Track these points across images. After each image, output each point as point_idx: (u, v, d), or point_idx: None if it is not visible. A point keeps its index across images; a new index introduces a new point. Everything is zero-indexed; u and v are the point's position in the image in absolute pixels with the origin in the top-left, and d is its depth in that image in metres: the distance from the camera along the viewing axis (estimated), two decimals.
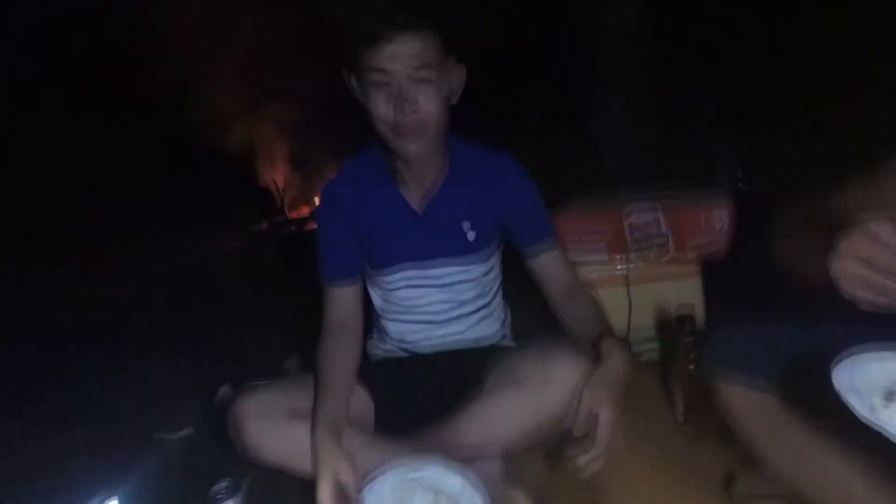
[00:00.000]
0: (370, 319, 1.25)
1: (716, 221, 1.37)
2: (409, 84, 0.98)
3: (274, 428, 1.01)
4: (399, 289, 1.16)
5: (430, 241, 1.12)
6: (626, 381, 0.93)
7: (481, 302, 1.19)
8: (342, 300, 1.14)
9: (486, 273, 1.18)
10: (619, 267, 1.49)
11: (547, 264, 1.13)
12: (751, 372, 0.82)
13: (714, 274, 1.46)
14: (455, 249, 1.13)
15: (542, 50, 3.30)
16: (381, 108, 1.00)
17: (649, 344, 1.51)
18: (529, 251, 1.13)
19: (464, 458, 0.98)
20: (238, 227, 3.89)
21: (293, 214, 3.89)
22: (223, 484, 1.09)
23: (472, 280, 1.16)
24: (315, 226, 1.26)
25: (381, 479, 0.95)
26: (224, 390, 1.57)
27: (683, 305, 1.24)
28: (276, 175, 4.25)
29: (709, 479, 1.05)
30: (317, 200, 4.00)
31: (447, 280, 1.15)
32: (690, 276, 1.46)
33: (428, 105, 0.99)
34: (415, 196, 1.12)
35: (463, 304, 1.17)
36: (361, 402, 1.12)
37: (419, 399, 1.14)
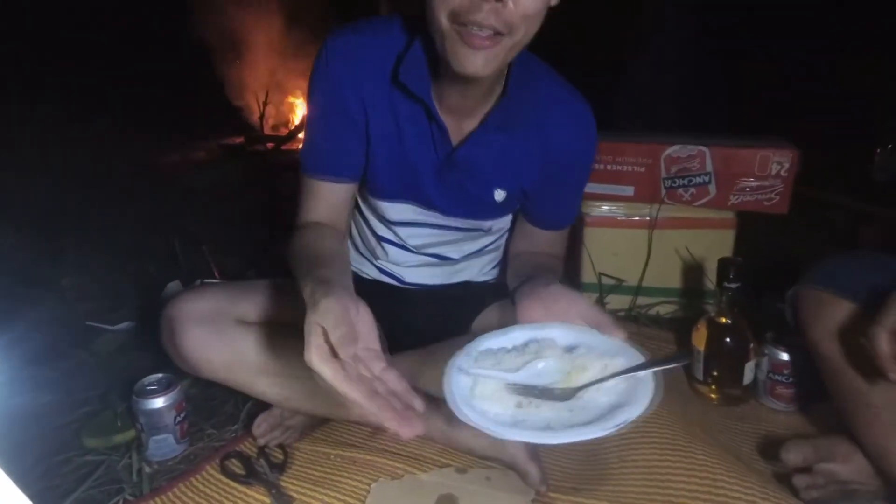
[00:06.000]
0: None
1: (773, 165, 1.19)
2: None
3: (218, 336, 0.82)
4: (399, 224, 0.94)
5: (451, 193, 0.88)
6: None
7: (492, 243, 1.01)
8: (332, 197, 0.87)
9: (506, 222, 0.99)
10: (645, 207, 1.31)
11: (543, 237, 0.96)
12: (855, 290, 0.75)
13: (756, 228, 1.29)
14: (479, 209, 0.91)
15: None
16: None
17: (660, 296, 1.35)
18: (536, 224, 0.95)
19: None
20: (212, 139, 3.63)
21: (270, 132, 3.71)
22: (156, 377, 0.89)
23: (487, 231, 0.97)
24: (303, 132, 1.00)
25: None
26: (173, 286, 1.35)
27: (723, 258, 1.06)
28: (260, 91, 3.98)
29: (742, 447, 0.90)
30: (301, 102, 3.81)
31: (459, 225, 0.94)
32: (726, 227, 1.30)
33: (527, 2, 0.66)
34: (452, 123, 0.83)
35: (475, 251, 0.99)
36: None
37: (408, 335, 0.94)
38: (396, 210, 0.91)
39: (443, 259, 0.98)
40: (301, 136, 3.19)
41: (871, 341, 0.65)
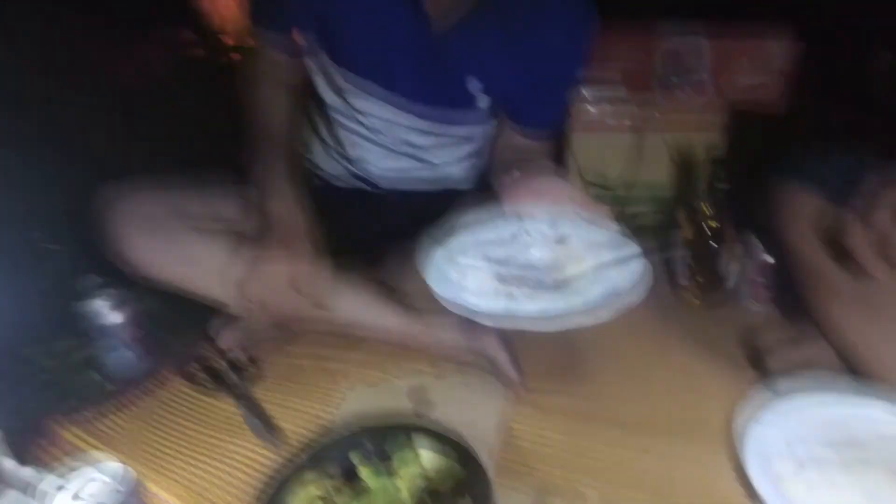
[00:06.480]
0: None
1: (773, 57, 1.09)
2: None
3: (167, 239, 0.76)
4: (363, 113, 0.86)
5: (428, 90, 0.81)
6: None
7: (471, 145, 0.93)
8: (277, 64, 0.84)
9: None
10: (634, 108, 1.22)
11: (526, 145, 0.87)
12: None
13: (749, 126, 1.22)
14: (456, 110, 0.84)
15: None
16: None
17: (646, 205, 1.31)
18: (522, 122, 0.87)
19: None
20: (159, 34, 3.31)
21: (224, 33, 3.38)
22: (108, 290, 0.83)
23: (465, 135, 0.90)
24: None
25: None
26: None
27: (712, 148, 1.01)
28: None
29: (721, 346, 0.89)
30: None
31: (433, 129, 0.86)
32: (719, 128, 1.22)
33: None
34: (435, 6, 0.75)
35: (449, 145, 0.92)
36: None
37: (375, 243, 0.89)
38: (368, 105, 0.84)
39: (415, 147, 0.91)
40: None
41: (849, 237, 0.62)
